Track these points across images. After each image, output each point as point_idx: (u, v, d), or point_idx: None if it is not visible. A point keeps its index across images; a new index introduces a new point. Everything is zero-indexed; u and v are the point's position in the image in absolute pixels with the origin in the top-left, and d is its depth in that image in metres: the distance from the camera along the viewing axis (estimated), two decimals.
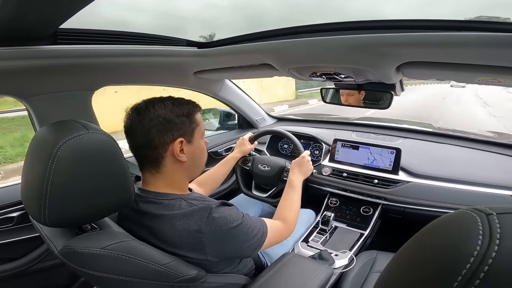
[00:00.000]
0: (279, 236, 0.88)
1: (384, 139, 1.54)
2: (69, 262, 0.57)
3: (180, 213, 0.68)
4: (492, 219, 0.24)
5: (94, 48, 0.90)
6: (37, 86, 0.96)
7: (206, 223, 0.67)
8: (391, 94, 1.10)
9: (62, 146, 0.53)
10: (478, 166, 1.28)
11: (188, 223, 0.67)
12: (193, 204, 0.71)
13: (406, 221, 1.27)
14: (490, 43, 0.60)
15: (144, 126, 0.70)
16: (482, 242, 0.22)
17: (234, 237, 0.70)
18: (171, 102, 0.74)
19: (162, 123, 0.71)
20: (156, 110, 0.71)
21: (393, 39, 0.70)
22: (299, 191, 1.06)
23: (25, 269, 1.11)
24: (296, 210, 0.99)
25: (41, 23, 0.69)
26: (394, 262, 0.33)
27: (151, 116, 0.71)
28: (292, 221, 0.95)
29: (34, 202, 0.54)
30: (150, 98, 0.76)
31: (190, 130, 0.75)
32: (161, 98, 0.76)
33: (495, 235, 0.22)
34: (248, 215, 0.78)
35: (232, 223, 0.70)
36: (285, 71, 1.08)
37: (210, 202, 0.72)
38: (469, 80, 0.85)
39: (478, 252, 0.22)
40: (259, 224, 0.79)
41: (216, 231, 0.68)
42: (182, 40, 1.06)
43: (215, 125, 1.89)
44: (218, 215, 0.69)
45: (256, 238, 0.76)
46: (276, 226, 0.88)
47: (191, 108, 0.77)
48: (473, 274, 0.21)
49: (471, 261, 0.22)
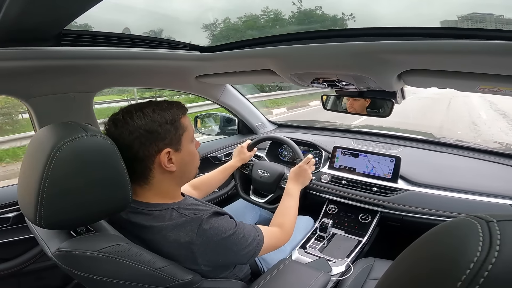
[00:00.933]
0: (275, 243, 0.87)
1: (384, 147, 1.54)
2: (62, 264, 0.56)
3: (171, 224, 0.67)
4: (492, 226, 0.24)
5: (97, 50, 0.90)
6: (39, 87, 0.97)
7: (197, 234, 0.66)
8: (392, 102, 1.10)
9: (60, 147, 0.53)
10: (477, 175, 1.28)
11: (179, 235, 0.66)
12: (184, 215, 0.69)
13: (404, 229, 1.27)
14: (492, 51, 0.60)
15: (124, 140, 0.65)
16: (482, 248, 0.22)
17: (227, 247, 0.69)
18: (152, 109, 0.68)
19: (144, 135, 0.66)
20: (135, 121, 0.66)
21: (395, 46, 0.71)
22: (297, 199, 1.06)
23: (19, 269, 1.10)
24: (293, 217, 0.99)
25: (46, 24, 0.70)
26: (393, 268, 0.33)
27: (130, 128, 0.66)
28: (289, 227, 0.94)
29: (30, 203, 0.54)
30: (128, 107, 0.70)
31: (176, 137, 0.70)
32: (140, 106, 0.69)
33: (495, 241, 0.22)
34: (243, 223, 0.76)
35: (224, 233, 0.68)
36: (286, 77, 1.08)
37: (201, 212, 0.70)
38: (470, 88, 0.85)
39: (478, 258, 0.22)
40: (254, 232, 0.77)
41: (207, 243, 0.66)
42: (184, 44, 1.06)
43: (215, 130, 1.89)
44: (209, 226, 0.67)
45: (252, 246, 0.74)
46: (273, 233, 0.87)
47: (175, 113, 0.71)
48: (473, 280, 0.22)
49: (471, 267, 0.22)
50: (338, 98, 1.29)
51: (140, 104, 0.70)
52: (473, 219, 0.26)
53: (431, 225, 0.30)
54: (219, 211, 0.73)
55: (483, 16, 0.70)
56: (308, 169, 1.17)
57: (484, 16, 0.68)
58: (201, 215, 0.68)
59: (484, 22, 1.00)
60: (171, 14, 2.10)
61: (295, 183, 1.12)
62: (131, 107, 0.69)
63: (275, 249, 0.88)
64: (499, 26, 1.00)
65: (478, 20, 0.98)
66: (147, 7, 1.88)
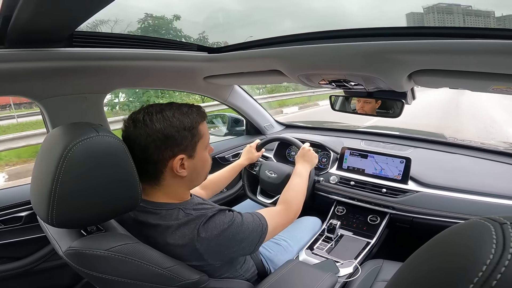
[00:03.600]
0: (281, 222, 0.86)
1: (394, 148, 1.52)
2: (73, 263, 0.57)
3: (177, 223, 0.68)
4: (506, 228, 0.24)
5: (108, 51, 0.92)
6: (51, 88, 0.98)
7: (199, 230, 0.66)
8: (402, 102, 1.09)
9: (72, 147, 0.54)
10: (490, 176, 1.25)
11: (184, 232, 0.66)
12: (190, 214, 0.69)
13: (414, 231, 1.25)
14: (506, 51, 0.59)
15: (141, 142, 0.66)
16: (496, 250, 0.22)
17: (229, 238, 0.69)
18: (172, 113, 0.68)
19: (160, 139, 0.66)
20: (154, 124, 0.66)
21: (405, 46, 0.70)
22: (305, 179, 1.07)
23: (30, 268, 1.12)
24: (300, 194, 0.99)
25: (58, 26, 0.71)
26: (404, 270, 0.33)
27: (149, 131, 0.66)
28: (295, 205, 0.93)
29: (42, 202, 0.55)
30: (149, 106, 0.71)
31: (192, 144, 0.71)
32: (161, 107, 0.70)
33: (508, 244, 0.22)
34: (241, 213, 0.76)
35: (223, 225, 0.68)
36: (294, 78, 1.08)
37: (206, 211, 0.70)
38: (483, 88, 0.83)
39: (491, 261, 0.22)
40: (255, 218, 0.76)
41: (209, 237, 0.67)
42: (193, 44, 1.07)
43: (223, 130, 1.90)
44: (211, 222, 0.68)
45: (256, 232, 0.74)
46: (276, 212, 0.87)
47: (194, 120, 0.71)
48: (485, 282, 0.21)
49: (484, 269, 0.22)
50: (347, 98, 1.28)
51: (161, 106, 0.70)
52: (486, 221, 0.26)
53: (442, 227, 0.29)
54: (223, 209, 0.74)
55: (450, 7, 0.69)
56: (310, 150, 1.20)
57: (451, 6, 0.66)
58: (206, 213, 0.69)
59: (451, 13, 0.99)
60: None
61: (302, 164, 1.14)
62: (152, 108, 0.70)
63: (284, 228, 0.88)
64: (467, 17, 0.99)
65: (444, 11, 0.97)
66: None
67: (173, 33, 7.33)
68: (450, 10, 0.89)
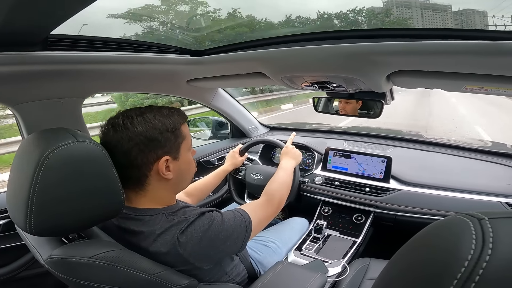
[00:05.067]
0: (265, 214, 0.85)
1: (375, 148, 1.56)
2: (55, 271, 0.55)
3: (159, 229, 0.66)
4: (484, 224, 0.24)
5: (84, 55, 0.89)
6: (26, 92, 0.94)
7: (180, 235, 0.65)
8: (381, 103, 1.12)
9: (50, 154, 0.53)
10: (467, 173, 1.30)
11: (165, 239, 0.65)
12: (172, 219, 0.68)
13: (398, 228, 1.28)
14: (476, 51, 0.62)
15: (123, 146, 0.64)
16: (476, 246, 0.23)
17: (211, 238, 0.68)
18: (153, 115, 0.67)
19: (144, 142, 0.65)
20: (136, 127, 0.64)
21: (383, 47, 0.72)
22: (290, 172, 1.08)
23: (11, 277, 1.08)
24: (284, 186, 0.99)
25: (32, 28, 0.68)
26: (389, 268, 0.33)
27: (130, 135, 0.64)
28: (278, 195, 0.93)
29: (20, 211, 0.54)
30: (127, 110, 0.68)
31: (176, 146, 0.70)
32: (141, 111, 0.68)
33: (488, 239, 0.23)
34: (221, 211, 0.74)
35: (203, 227, 0.67)
36: (277, 80, 1.09)
37: (189, 214, 0.69)
38: (457, 88, 0.87)
39: (472, 256, 0.22)
40: (236, 213, 0.75)
41: (191, 242, 0.65)
42: (175, 47, 1.06)
43: (208, 134, 1.88)
44: (191, 226, 0.66)
45: (239, 228, 0.73)
46: (258, 205, 0.86)
47: (176, 121, 0.70)
48: (469, 278, 0.22)
49: (466, 264, 0.22)
50: (329, 100, 1.30)
51: (141, 109, 0.69)
52: (465, 217, 0.26)
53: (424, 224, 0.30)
54: (204, 211, 0.72)
55: (408, 1, 0.72)
56: (293, 148, 1.22)
57: (409, 0, 0.70)
58: (187, 218, 0.68)
59: (409, 6, 1.04)
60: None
61: (287, 159, 1.14)
62: (132, 111, 0.68)
63: (269, 220, 0.87)
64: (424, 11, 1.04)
65: (403, 5, 1.02)
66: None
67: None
68: (408, 4, 0.93)
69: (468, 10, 0.97)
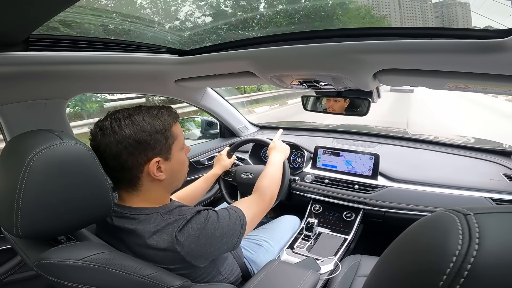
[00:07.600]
0: (258, 210, 0.86)
1: (363, 145, 1.59)
2: (45, 274, 0.54)
3: (155, 227, 0.66)
4: (470, 219, 0.25)
5: (68, 55, 0.86)
6: (7, 94, 0.91)
7: (178, 235, 0.65)
8: (369, 101, 1.14)
9: (35, 156, 0.52)
10: (452, 170, 1.34)
11: (162, 237, 0.65)
12: (168, 218, 0.67)
13: (387, 225, 1.30)
14: (458, 49, 0.63)
15: (112, 150, 0.63)
16: (463, 241, 0.23)
17: (208, 236, 0.68)
18: (141, 117, 0.65)
19: (132, 145, 0.64)
20: (124, 130, 0.63)
21: (369, 46, 0.73)
22: (279, 166, 1.08)
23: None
24: (274, 181, 0.99)
25: (13, 29, 0.66)
26: (379, 266, 0.34)
27: (118, 138, 0.63)
28: (269, 190, 0.94)
29: (6, 214, 0.53)
30: (115, 112, 0.67)
31: (166, 147, 0.69)
32: (129, 112, 0.67)
33: (474, 234, 0.23)
34: (216, 210, 0.75)
35: (200, 225, 0.68)
36: (266, 79, 1.09)
37: (185, 213, 0.69)
38: (440, 86, 0.89)
39: (460, 252, 0.23)
40: (230, 211, 0.76)
41: (189, 240, 0.65)
42: (162, 47, 1.04)
43: (197, 134, 1.87)
44: (188, 225, 0.67)
45: (235, 225, 0.73)
46: (251, 201, 0.87)
47: (166, 122, 0.69)
48: (457, 273, 0.22)
49: (454, 260, 0.23)
50: (318, 98, 1.31)
51: (129, 111, 0.67)
52: (451, 213, 0.27)
53: (412, 220, 0.30)
54: (199, 209, 0.72)
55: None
56: (280, 142, 1.22)
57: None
58: (184, 216, 0.68)
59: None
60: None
61: (275, 154, 1.14)
62: (119, 113, 0.67)
63: (262, 216, 0.88)
64: (402, 1, 1.04)
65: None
66: None
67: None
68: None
69: (449, 1, 0.97)
